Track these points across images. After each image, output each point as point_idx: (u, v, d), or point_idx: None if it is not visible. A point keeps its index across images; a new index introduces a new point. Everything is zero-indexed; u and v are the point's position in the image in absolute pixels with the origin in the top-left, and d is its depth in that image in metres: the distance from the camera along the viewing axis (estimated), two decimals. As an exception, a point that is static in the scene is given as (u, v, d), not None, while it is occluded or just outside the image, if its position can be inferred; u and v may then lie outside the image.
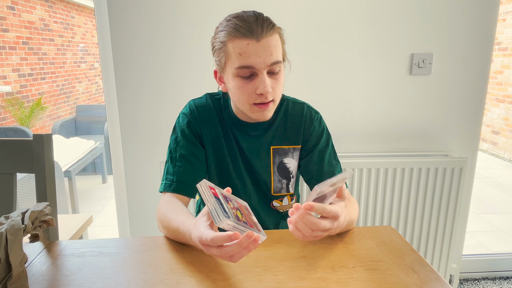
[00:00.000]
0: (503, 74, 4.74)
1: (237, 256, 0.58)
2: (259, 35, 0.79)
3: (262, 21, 0.81)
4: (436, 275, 0.68)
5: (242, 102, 0.86)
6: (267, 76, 0.82)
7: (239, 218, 0.62)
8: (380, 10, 1.52)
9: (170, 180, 0.91)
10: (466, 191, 1.71)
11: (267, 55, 0.80)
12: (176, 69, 1.52)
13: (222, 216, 0.57)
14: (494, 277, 1.94)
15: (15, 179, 0.93)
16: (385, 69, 1.58)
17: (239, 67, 0.81)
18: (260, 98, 0.83)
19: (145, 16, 1.46)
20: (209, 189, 0.62)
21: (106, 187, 3.70)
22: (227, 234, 0.56)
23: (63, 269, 0.71)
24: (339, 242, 0.80)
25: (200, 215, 0.66)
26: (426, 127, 1.66)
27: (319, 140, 0.98)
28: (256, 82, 0.82)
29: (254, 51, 0.79)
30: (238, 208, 0.65)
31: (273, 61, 0.81)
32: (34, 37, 4.81)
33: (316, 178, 0.96)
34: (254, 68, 0.81)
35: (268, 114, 0.87)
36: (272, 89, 0.83)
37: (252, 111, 0.87)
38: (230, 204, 0.63)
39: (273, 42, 0.81)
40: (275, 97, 0.86)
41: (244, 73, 0.82)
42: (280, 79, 0.86)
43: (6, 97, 4.29)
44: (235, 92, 0.86)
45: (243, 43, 0.80)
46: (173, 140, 0.96)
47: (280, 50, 0.84)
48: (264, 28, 0.80)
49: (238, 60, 0.81)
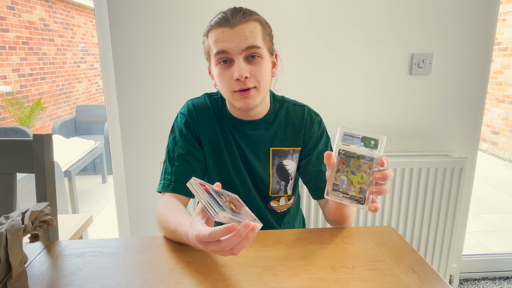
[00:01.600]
0: (503, 74, 4.74)
1: (237, 247, 0.58)
2: (233, 23, 0.82)
3: (239, 11, 0.84)
4: (436, 275, 0.68)
5: (224, 91, 0.88)
6: (244, 61, 0.84)
7: (234, 210, 0.62)
8: (380, 10, 1.52)
9: (168, 180, 0.91)
10: (466, 191, 1.71)
11: (240, 40, 0.82)
12: (176, 69, 1.52)
13: (218, 209, 0.57)
14: (494, 277, 1.94)
15: (15, 179, 0.93)
16: (385, 69, 1.58)
17: (215, 53, 0.84)
18: (239, 84, 0.84)
19: (145, 16, 1.46)
20: (200, 186, 0.63)
21: (106, 187, 3.70)
22: (224, 226, 0.56)
23: (63, 269, 0.71)
24: (339, 242, 0.80)
25: (195, 214, 0.66)
26: (426, 127, 1.66)
27: (318, 143, 0.98)
28: (233, 68, 0.84)
29: (228, 36, 0.83)
30: (231, 201, 0.66)
31: (247, 45, 0.83)
32: (34, 37, 4.81)
33: (314, 180, 0.96)
34: (228, 52, 0.83)
35: (251, 102, 0.86)
36: (252, 75, 0.84)
37: (234, 99, 0.87)
38: (222, 198, 0.64)
39: (249, 28, 0.83)
40: (257, 84, 0.86)
41: (222, 59, 0.85)
42: (261, 66, 0.86)
43: (6, 97, 4.29)
44: (218, 82, 0.88)
45: (218, 31, 0.84)
46: (171, 139, 0.96)
47: (259, 37, 0.85)
48: (239, 16, 0.83)
49: (214, 46, 0.84)
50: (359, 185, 0.68)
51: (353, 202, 0.69)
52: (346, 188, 0.69)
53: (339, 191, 0.70)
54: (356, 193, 0.68)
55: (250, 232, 0.57)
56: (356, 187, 0.68)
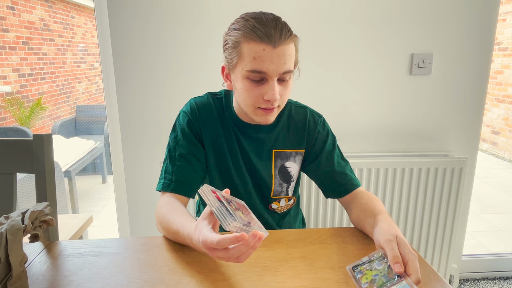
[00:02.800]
0: (503, 74, 4.74)
1: (244, 256, 0.59)
2: (276, 42, 0.78)
3: (281, 27, 0.79)
4: (436, 275, 0.68)
5: (247, 104, 0.86)
6: (276, 83, 0.82)
7: (243, 218, 0.62)
8: (380, 10, 1.52)
9: (168, 179, 0.90)
10: (466, 191, 1.71)
11: (280, 63, 0.79)
12: (176, 69, 1.52)
13: (230, 220, 0.58)
14: (494, 277, 1.94)
15: (15, 179, 0.93)
16: (385, 69, 1.58)
17: (251, 70, 0.80)
18: (266, 104, 0.83)
19: (145, 16, 1.46)
20: (212, 194, 0.63)
21: (106, 187, 3.70)
22: (233, 236, 0.56)
23: (63, 269, 0.71)
24: (339, 242, 0.80)
25: (200, 218, 0.66)
26: (426, 127, 1.66)
27: (325, 143, 0.98)
28: (265, 87, 0.82)
29: (269, 57, 0.78)
30: (239, 208, 0.66)
31: (285, 70, 0.81)
32: (34, 37, 4.81)
33: (329, 180, 0.97)
34: (266, 74, 0.80)
35: (271, 119, 0.87)
36: (279, 96, 0.83)
37: (256, 114, 0.86)
38: (231, 205, 0.64)
39: (289, 51, 0.80)
40: (281, 103, 0.87)
41: (254, 77, 0.81)
42: (288, 86, 0.86)
43: (6, 97, 4.29)
44: (242, 93, 0.85)
45: (259, 47, 0.78)
46: (173, 138, 0.95)
47: (293, 59, 0.83)
48: (282, 35, 0.78)
49: (251, 63, 0.79)
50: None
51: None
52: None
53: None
54: None
55: (257, 241, 0.57)
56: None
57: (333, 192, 0.98)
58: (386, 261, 0.64)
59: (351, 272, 0.66)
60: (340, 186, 0.95)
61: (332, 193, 0.98)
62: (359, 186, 0.96)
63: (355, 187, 0.95)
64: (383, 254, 0.65)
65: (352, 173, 0.98)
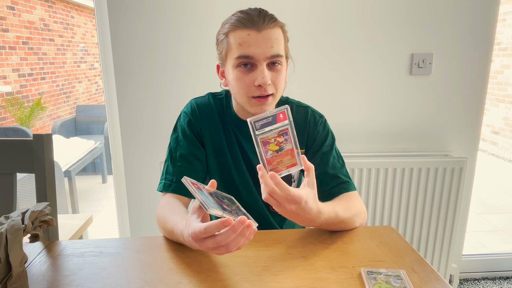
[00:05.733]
0: (503, 74, 4.73)
1: (233, 244, 0.58)
2: (260, 26, 0.80)
3: (265, 14, 0.82)
4: (436, 275, 0.68)
5: (241, 95, 0.86)
6: (266, 68, 0.82)
7: (226, 208, 0.63)
8: (380, 10, 1.52)
9: (169, 180, 0.90)
10: (466, 191, 1.71)
11: (267, 47, 0.80)
12: (176, 69, 1.52)
13: (212, 201, 0.59)
14: (494, 277, 1.94)
15: (15, 179, 0.93)
16: (385, 69, 1.58)
17: (238, 56, 0.81)
18: (259, 91, 0.83)
19: (145, 16, 1.46)
20: (192, 185, 0.63)
21: (106, 187, 3.70)
22: (219, 220, 0.56)
23: (63, 269, 0.71)
24: (339, 242, 0.80)
25: (190, 213, 0.66)
26: (426, 127, 1.66)
27: (323, 144, 0.97)
28: (255, 73, 0.82)
29: (254, 41, 0.80)
30: (225, 197, 0.67)
31: (273, 53, 0.81)
32: (34, 37, 4.80)
33: (320, 182, 0.95)
34: (253, 58, 0.81)
35: (267, 109, 0.86)
36: (272, 82, 0.83)
37: (250, 104, 0.86)
38: (215, 197, 0.65)
39: (274, 35, 0.82)
40: (275, 91, 0.85)
41: (243, 63, 0.82)
42: (280, 73, 0.85)
43: (6, 97, 4.29)
44: (234, 84, 0.85)
45: (244, 33, 0.80)
46: (174, 139, 0.95)
47: (282, 44, 0.84)
48: (266, 20, 0.80)
49: (238, 50, 0.81)
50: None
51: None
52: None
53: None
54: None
55: (246, 229, 0.57)
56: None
57: (321, 194, 0.95)
58: (403, 282, 0.64)
59: (366, 274, 0.66)
60: (331, 189, 0.92)
61: (321, 195, 0.97)
62: (351, 191, 0.92)
63: (344, 191, 0.91)
64: (402, 275, 0.66)
65: (347, 177, 0.94)
